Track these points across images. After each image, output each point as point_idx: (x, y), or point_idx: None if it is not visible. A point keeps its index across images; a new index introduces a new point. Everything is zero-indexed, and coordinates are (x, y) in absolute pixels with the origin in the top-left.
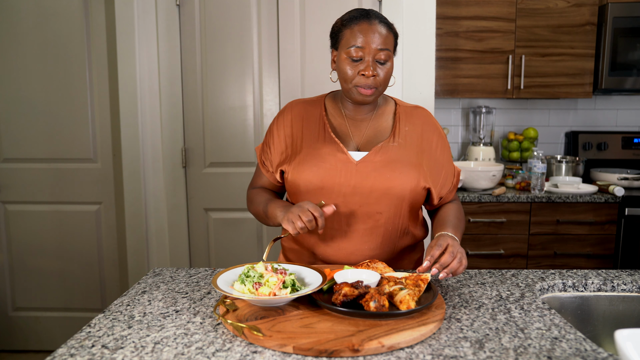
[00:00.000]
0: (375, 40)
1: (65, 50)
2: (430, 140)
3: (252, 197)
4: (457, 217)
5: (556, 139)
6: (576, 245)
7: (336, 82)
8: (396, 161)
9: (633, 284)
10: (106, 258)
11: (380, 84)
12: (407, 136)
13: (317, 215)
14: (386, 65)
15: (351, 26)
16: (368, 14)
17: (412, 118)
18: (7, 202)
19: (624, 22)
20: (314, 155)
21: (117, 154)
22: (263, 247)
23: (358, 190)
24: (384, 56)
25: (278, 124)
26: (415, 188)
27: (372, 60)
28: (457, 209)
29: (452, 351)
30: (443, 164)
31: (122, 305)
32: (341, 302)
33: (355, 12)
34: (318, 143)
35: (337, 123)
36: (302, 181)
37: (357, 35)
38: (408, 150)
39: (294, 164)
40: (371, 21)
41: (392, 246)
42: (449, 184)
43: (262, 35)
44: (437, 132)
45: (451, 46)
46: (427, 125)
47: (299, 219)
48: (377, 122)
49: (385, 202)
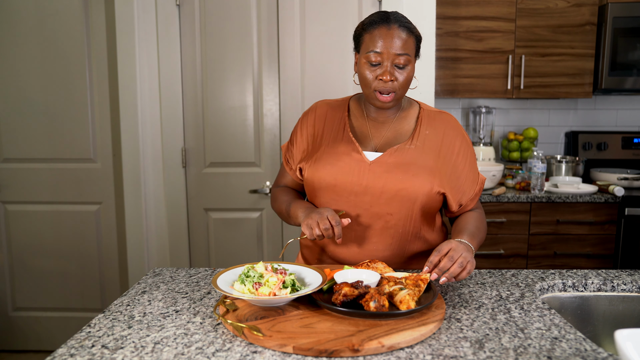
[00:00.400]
0: (394, 45)
1: (65, 50)
2: (451, 145)
3: (277, 195)
4: (476, 226)
5: (556, 139)
6: (576, 245)
7: (359, 89)
8: (411, 164)
9: (633, 284)
10: (106, 258)
11: (399, 89)
12: (427, 140)
13: (333, 224)
14: (405, 69)
15: (370, 31)
16: (388, 18)
17: (435, 122)
18: (7, 202)
19: (624, 22)
20: (330, 153)
21: (117, 154)
22: (263, 247)
23: (369, 190)
24: (403, 61)
25: (302, 124)
26: (429, 192)
27: (391, 65)
28: (478, 217)
29: (452, 351)
30: (464, 170)
31: (122, 305)
32: (341, 302)
33: (376, 15)
34: (336, 142)
35: (358, 124)
36: (316, 179)
37: (376, 40)
38: (425, 154)
39: (311, 162)
40: (390, 26)
41: (402, 249)
42: (471, 191)
43: (262, 35)
44: (460, 137)
45: (451, 46)
46: (450, 131)
47: (317, 226)
48: (398, 125)
49: (396, 204)
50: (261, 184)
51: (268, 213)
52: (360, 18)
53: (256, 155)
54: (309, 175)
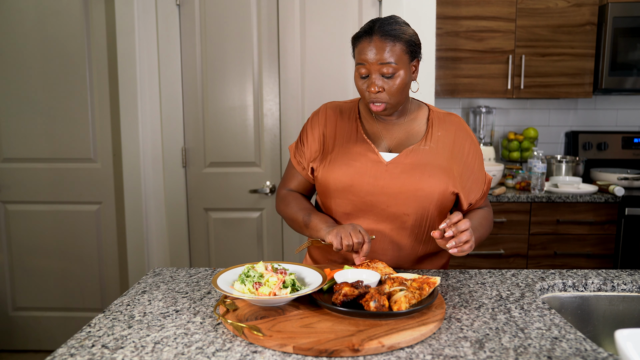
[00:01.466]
0: (376, 57)
1: (66, 50)
2: (462, 146)
3: (289, 201)
4: (480, 222)
5: (556, 138)
6: (576, 245)
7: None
8: (426, 164)
9: (633, 284)
10: (106, 258)
11: (390, 97)
12: (440, 141)
13: (365, 240)
14: (394, 78)
15: (357, 44)
16: (371, 29)
17: (445, 124)
18: (7, 202)
19: (624, 22)
20: (345, 154)
21: (117, 154)
22: (263, 247)
23: (386, 190)
24: (389, 70)
25: (312, 123)
26: (445, 192)
27: (377, 76)
28: (483, 214)
29: (452, 351)
30: (474, 170)
31: (122, 305)
32: (341, 302)
33: (364, 26)
34: (350, 143)
35: (369, 125)
36: (332, 179)
37: (361, 52)
38: (439, 155)
39: (325, 162)
40: (372, 38)
41: (416, 249)
42: (479, 190)
43: (262, 35)
44: (469, 139)
45: (451, 46)
46: (460, 132)
47: (349, 237)
48: (409, 126)
49: (413, 204)
50: (261, 184)
51: (268, 213)
52: (360, 18)
53: (256, 155)
54: (322, 176)
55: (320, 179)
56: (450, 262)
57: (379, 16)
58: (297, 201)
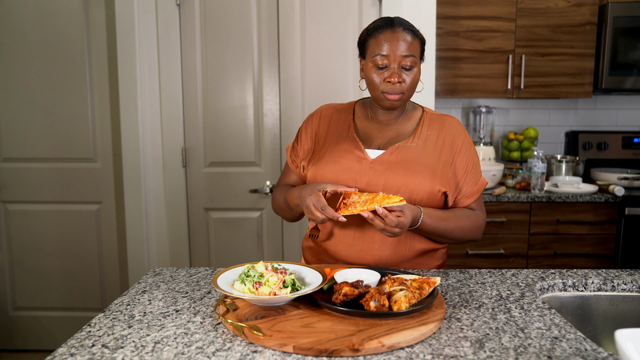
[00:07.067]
0: (400, 48)
1: (66, 50)
2: (453, 145)
3: (275, 196)
4: (455, 215)
5: (556, 138)
6: (576, 245)
7: (358, 89)
8: (411, 161)
9: (633, 284)
10: (106, 257)
11: (407, 90)
12: (428, 139)
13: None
14: (412, 71)
15: (376, 35)
16: (392, 22)
17: (437, 124)
18: (8, 202)
19: (624, 22)
20: (333, 152)
21: (117, 154)
22: (263, 246)
23: (371, 187)
24: (410, 62)
25: (307, 124)
26: (431, 190)
27: (398, 67)
28: (467, 213)
29: (452, 351)
30: (465, 171)
31: (122, 304)
32: (341, 302)
33: (380, 21)
34: (340, 141)
35: (362, 125)
36: (319, 176)
37: (382, 43)
38: (427, 153)
39: (314, 160)
40: (395, 29)
41: (405, 247)
42: (468, 189)
43: (262, 35)
44: (461, 138)
45: (451, 46)
46: (452, 131)
47: (315, 216)
48: (401, 127)
49: None
50: (261, 184)
51: (268, 213)
52: (360, 18)
53: (256, 155)
54: (312, 173)
55: (309, 175)
56: (451, 262)
57: (379, 16)
58: (280, 192)
